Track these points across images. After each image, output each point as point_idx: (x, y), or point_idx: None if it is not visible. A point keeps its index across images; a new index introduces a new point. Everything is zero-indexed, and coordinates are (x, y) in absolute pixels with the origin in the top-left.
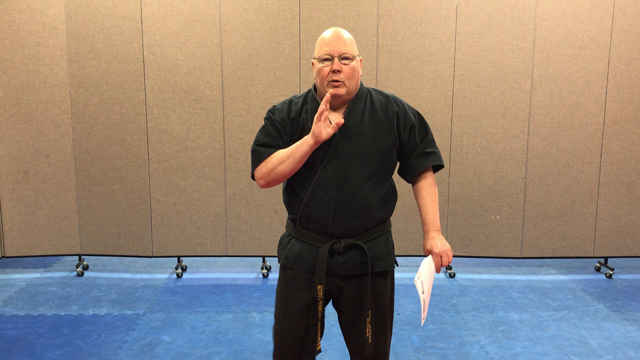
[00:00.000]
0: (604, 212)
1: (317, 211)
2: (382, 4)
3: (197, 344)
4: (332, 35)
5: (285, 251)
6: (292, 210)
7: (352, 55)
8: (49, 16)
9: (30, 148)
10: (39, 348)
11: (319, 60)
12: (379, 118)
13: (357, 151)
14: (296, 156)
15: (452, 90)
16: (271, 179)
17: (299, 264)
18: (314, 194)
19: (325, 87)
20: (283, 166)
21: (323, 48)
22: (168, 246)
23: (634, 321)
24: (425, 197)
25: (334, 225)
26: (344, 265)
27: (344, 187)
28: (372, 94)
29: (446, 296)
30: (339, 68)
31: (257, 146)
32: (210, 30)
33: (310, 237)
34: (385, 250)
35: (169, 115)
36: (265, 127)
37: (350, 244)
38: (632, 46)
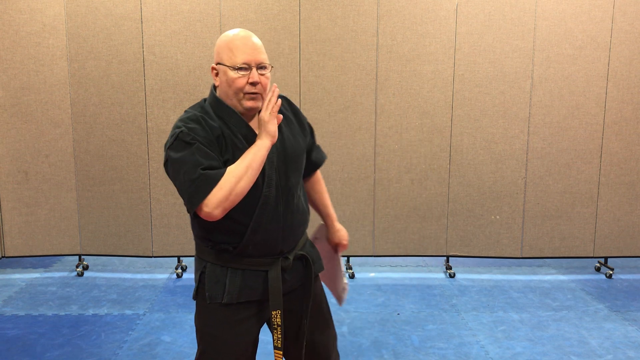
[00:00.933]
0: (604, 212)
1: (266, 233)
2: (382, 4)
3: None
4: (246, 42)
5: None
6: (229, 240)
7: (267, 64)
8: (49, 16)
9: (30, 148)
10: (39, 348)
11: (232, 68)
12: (290, 120)
13: (287, 159)
14: (254, 166)
15: (452, 90)
16: (230, 203)
17: (245, 295)
18: (261, 216)
19: (240, 99)
20: (243, 183)
21: (238, 55)
22: (168, 246)
23: (634, 321)
24: (321, 191)
25: (283, 242)
26: (291, 280)
27: (289, 200)
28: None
29: (446, 296)
30: (258, 79)
31: (202, 170)
32: (210, 30)
33: (252, 263)
34: (315, 252)
35: (169, 115)
36: (199, 148)
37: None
38: (632, 46)
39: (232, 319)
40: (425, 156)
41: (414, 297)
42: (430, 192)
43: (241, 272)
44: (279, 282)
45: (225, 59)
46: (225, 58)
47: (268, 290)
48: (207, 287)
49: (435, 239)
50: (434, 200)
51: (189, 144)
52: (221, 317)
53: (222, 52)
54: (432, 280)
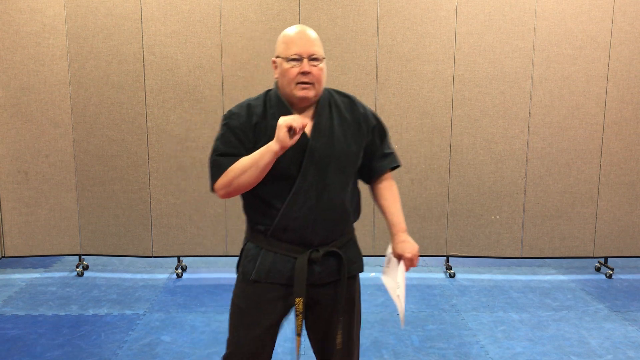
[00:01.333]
0: (604, 212)
1: (296, 221)
2: (382, 4)
3: (197, 344)
4: (300, 35)
5: (254, 264)
6: (263, 221)
7: (321, 56)
8: (49, 16)
9: (30, 148)
10: (39, 348)
11: (286, 60)
12: (347, 120)
13: (332, 156)
14: (260, 165)
15: (452, 90)
16: (232, 189)
17: (273, 277)
18: (293, 204)
19: (292, 88)
20: (246, 176)
21: (291, 48)
22: (168, 246)
23: (634, 321)
24: (389, 198)
25: (313, 235)
26: (321, 273)
27: (323, 195)
28: (333, 95)
29: (446, 296)
30: (309, 69)
31: (216, 156)
32: (210, 30)
33: (285, 248)
34: (356, 253)
35: (169, 115)
36: (224, 134)
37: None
38: (632, 46)
39: (260, 297)
40: (425, 156)
41: (414, 297)
42: (430, 192)
43: (273, 254)
44: (304, 271)
45: (281, 51)
46: (281, 50)
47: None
48: (243, 263)
49: (435, 239)
50: (434, 200)
51: (222, 128)
52: (250, 293)
53: (279, 46)
54: (432, 280)
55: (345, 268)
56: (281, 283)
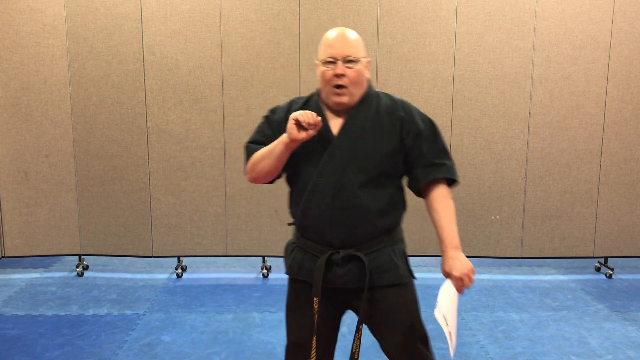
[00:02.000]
0: (604, 212)
1: (314, 219)
2: (382, 4)
3: (197, 344)
4: (336, 36)
5: (289, 260)
6: (294, 217)
7: (357, 58)
8: (49, 16)
9: (30, 148)
10: (39, 348)
11: (322, 62)
12: (382, 122)
13: (354, 156)
14: (273, 154)
15: (452, 90)
16: (255, 174)
17: (302, 274)
18: (309, 202)
19: (327, 92)
20: (263, 163)
21: (326, 50)
22: (168, 246)
23: (634, 321)
24: (439, 210)
25: (331, 235)
26: (343, 277)
27: (339, 194)
28: (381, 99)
29: None
30: (343, 72)
31: (248, 142)
32: (210, 30)
33: (311, 247)
34: (388, 262)
35: (169, 115)
36: (261, 124)
37: (350, 254)
38: (632, 46)
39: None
40: None
41: None
42: None
43: (303, 252)
44: (320, 271)
45: (319, 54)
46: (319, 54)
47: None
48: (284, 257)
49: (435, 239)
50: None
51: (262, 119)
52: (291, 289)
53: (319, 50)
54: (432, 280)
55: (368, 274)
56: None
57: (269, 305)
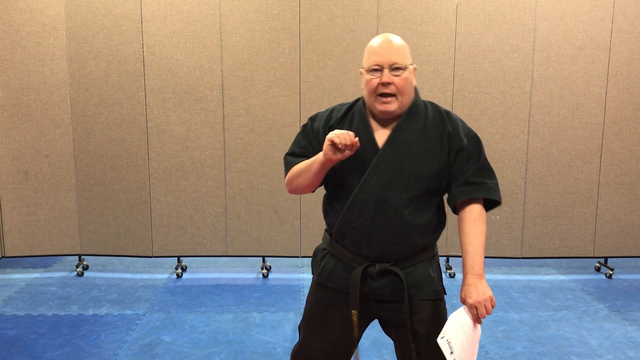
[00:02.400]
0: (604, 212)
1: (353, 231)
2: (382, 4)
3: (197, 344)
4: (381, 43)
5: (319, 267)
6: (329, 223)
7: (404, 65)
8: (49, 16)
9: (30, 148)
10: (39, 348)
11: (367, 71)
12: (430, 137)
13: (400, 172)
14: (311, 171)
15: (452, 90)
16: (294, 187)
17: (333, 282)
18: (349, 213)
19: (373, 101)
20: (300, 179)
21: (371, 57)
22: (168, 246)
23: (634, 321)
24: (468, 233)
25: (369, 249)
26: (379, 290)
27: (381, 210)
28: (428, 109)
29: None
30: (390, 80)
31: (286, 155)
32: (210, 30)
33: (345, 255)
34: (424, 277)
35: (169, 115)
36: (299, 134)
37: (386, 269)
38: (632, 46)
39: (326, 301)
40: None
41: None
42: None
43: (336, 259)
44: (356, 283)
45: (364, 62)
46: (364, 61)
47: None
48: (312, 262)
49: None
50: None
51: (301, 128)
52: (317, 295)
53: (364, 57)
54: None
55: (406, 290)
56: (339, 289)
57: (269, 305)
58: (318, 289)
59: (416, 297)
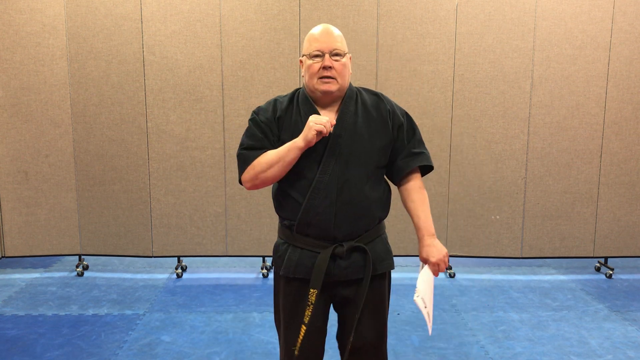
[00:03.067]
0: (604, 212)
1: (318, 216)
2: (382, 4)
3: (197, 344)
4: (322, 32)
5: (283, 260)
6: (288, 216)
7: (343, 52)
8: (49, 16)
9: (30, 148)
10: (39, 348)
11: (309, 56)
12: (372, 117)
13: (354, 151)
14: (286, 160)
15: (452, 90)
16: (259, 182)
17: (300, 272)
18: (314, 199)
19: (315, 83)
20: (272, 170)
21: (313, 44)
22: (168, 246)
23: (634, 321)
24: (416, 200)
25: (336, 229)
26: (347, 269)
27: (344, 190)
28: (362, 93)
29: (446, 296)
30: (330, 64)
31: (242, 150)
32: (210, 30)
33: (310, 243)
34: (385, 251)
35: (169, 115)
36: (250, 129)
37: (353, 246)
38: (632, 46)
39: (293, 293)
40: None
41: None
42: (430, 192)
43: (300, 250)
44: (323, 264)
45: (305, 49)
46: (305, 48)
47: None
48: (274, 259)
49: None
50: (434, 200)
51: (249, 122)
52: (286, 290)
53: (304, 45)
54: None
55: (370, 263)
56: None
57: (269, 305)
58: (287, 284)
59: (380, 270)
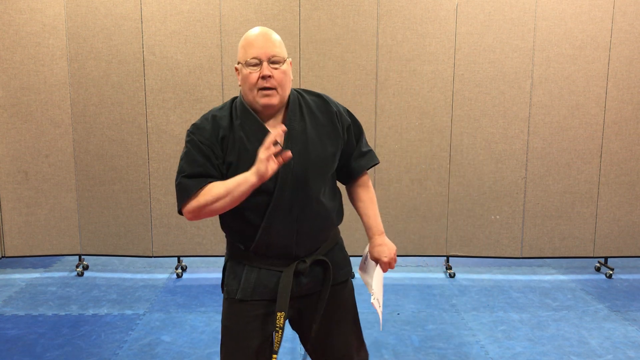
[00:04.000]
0: (604, 212)
1: (278, 236)
2: (382, 4)
3: (197, 344)
4: (258, 36)
5: (239, 283)
6: (243, 239)
7: (282, 58)
8: (49, 16)
9: (30, 148)
10: (39, 348)
11: (245, 65)
12: (320, 121)
13: (308, 161)
14: (235, 195)
15: (452, 90)
16: (204, 214)
17: (259, 294)
18: (273, 218)
19: (254, 95)
20: (219, 204)
21: (249, 51)
22: (168, 246)
23: (634, 321)
24: (365, 200)
25: (297, 246)
26: (309, 284)
27: (304, 203)
28: (303, 96)
29: (446, 296)
30: (270, 73)
31: (182, 178)
32: (210, 30)
33: (269, 263)
34: (342, 258)
35: (169, 115)
36: (189, 153)
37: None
38: (632, 46)
39: (247, 315)
40: (425, 156)
41: (414, 297)
42: (430, 192)
43: (257, 270)
44: (288, 285)
45: (240, 56)
46: (240, 55)
47: None
48: (226, 281)
49: (435, 239)
50: (434, 200)
51: (187, 145)
52: (237, 312)
53: (239, 51)
54: (432, 280)
55: (330, 275)
56: (267, 299)
57: None
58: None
59: (340, 279)
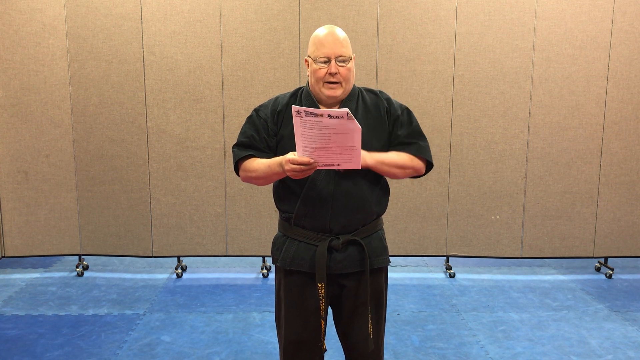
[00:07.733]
0: (604, 212)
1: (315, 207)
2: (382, 4)
3: (197, 344)
4: (328, 36)
5: (281, 253)
6: (286, 208)
7: (348, 57)
8: (49, 16)
9: (30, 148)
10: (39, 348)
11: (315, 61)
12: (371, 115)
13: None
14: (268, 174)
15: (452, 90)
16: (247, 180)
17: (297, 264)
18: (311, 190)
19: (320, 87)
20: (256, 176)
21: (320, 49)
22: (168, 246)
23: (634, 321)
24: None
25: (332, 222)
26: (343, 262)
27: (340, 182)
28: (363, 93)
29: (446, 296)
30: (337, 70)
31: (234, 146)
32: (210, 30)
33: (307, 236)
34: (381, 246)
35: (169, 115)
36: (244, 126)
37: (349, 240)
38: (632, 46)
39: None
40: None
41: (414, 297)
42: (430, 192)
43: (297, 242)
44: (323, 257)
45: (311, 52)
46: (311, 51)
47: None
48: (272, 250)
49: (435, 239)
50: (434, 200)
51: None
52: (284, 283)
53: (310, 46)
54: (432, 280)
55: (367, 258)
56: (305, 271)
57: (269, 305)
58: (285, 277)
59: (376, 265)
